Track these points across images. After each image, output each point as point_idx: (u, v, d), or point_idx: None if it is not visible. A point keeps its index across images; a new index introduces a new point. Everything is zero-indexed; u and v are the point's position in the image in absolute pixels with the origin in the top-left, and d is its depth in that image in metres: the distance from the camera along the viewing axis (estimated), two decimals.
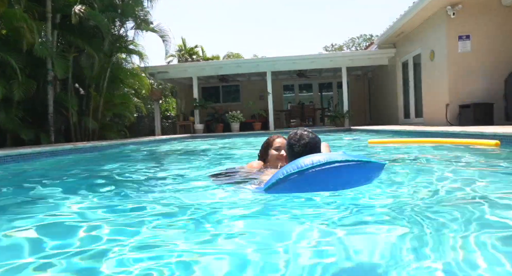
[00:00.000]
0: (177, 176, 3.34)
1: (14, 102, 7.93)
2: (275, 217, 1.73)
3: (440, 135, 6.21)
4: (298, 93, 18.93)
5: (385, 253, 1.16)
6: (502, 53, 8.47)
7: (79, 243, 1.37)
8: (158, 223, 1.64)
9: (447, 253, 1.12)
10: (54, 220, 1.80)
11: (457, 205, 1.73)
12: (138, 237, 1.43)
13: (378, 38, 13.18)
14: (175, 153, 6.83)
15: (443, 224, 1.42)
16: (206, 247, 1.30)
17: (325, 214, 1.67)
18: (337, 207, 1.77)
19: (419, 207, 1.69)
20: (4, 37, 8.12)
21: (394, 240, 1.28)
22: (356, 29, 69.87)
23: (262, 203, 1.92)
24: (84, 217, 1.80)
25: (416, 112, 11.45)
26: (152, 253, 1.25)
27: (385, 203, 1.80)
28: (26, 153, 5.42)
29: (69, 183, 3.16)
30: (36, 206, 2.12)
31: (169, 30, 12.49)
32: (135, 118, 14.93)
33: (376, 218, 1.59)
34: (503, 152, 4.03)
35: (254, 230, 1.54)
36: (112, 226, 1.61)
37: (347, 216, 1.62)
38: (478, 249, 1.13)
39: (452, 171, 2.84)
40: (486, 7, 8.53)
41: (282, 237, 1.39)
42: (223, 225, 1.58)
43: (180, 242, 1.35)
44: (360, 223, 1.53)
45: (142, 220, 1.69)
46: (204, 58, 23.14)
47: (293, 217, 1.67)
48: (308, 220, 1.57)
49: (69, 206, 2.04)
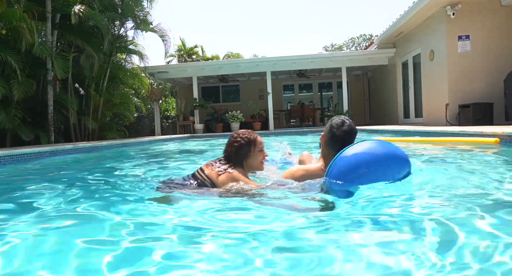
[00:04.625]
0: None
1: (13, 102, 7.92)
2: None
3: (440, 135, 6.22)
4: (298, 93, 18.93)
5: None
6: (501, 53, 8.48)
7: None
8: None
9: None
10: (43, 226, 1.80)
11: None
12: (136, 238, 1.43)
13: (377, 38, 13.17)
14: (183, 152, 6.82)
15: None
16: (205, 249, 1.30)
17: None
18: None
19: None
20: (4, 37, 8.11)
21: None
22: (356, 29, 69.90)
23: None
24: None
25: (415, 112, 11.46)
26: (152, 253, 1.25)
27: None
28: (26, 152, 5.42)
29: (58, 183, 3.11)
30: (16, 209, 2.10)
31: (169, 30, 12.52)
32: (135, 118, 14.93)
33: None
34: (503, 150, 4.05)
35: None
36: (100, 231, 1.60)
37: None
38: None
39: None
40: (486, 7, 8.53)
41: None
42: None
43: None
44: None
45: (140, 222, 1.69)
46: (204, 58, 23.14)
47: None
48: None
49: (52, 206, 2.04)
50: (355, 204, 1.75)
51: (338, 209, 1.70)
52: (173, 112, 18.51)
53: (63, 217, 1.82)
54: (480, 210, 1.55)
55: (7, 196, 2.55)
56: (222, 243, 1.32)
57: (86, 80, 10.43)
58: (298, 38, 65.52)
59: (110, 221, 1.69)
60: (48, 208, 2.01)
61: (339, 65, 13.92)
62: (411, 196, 1.90)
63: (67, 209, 1.98)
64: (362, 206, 1.72)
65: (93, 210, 1.93)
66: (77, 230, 1.57)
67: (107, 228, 1.57)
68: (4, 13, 7.35)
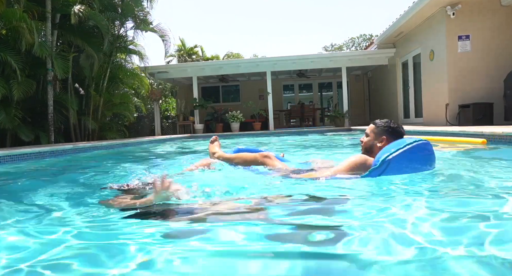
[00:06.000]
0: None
1: (13, 102, 7.93)
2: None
3: (440, 135, 6.21)
4: (298, 93, 18.94)
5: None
6: (501, 53, 8.48)
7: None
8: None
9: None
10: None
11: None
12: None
13: (377, 38, 13.17)
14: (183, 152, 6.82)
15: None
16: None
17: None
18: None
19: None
20: (4, 37, 8.12)
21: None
22: (356, 29, 69.93)
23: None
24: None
25: (415, 112, 11.46)
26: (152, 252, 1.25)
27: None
28: (25, 152, 5.42)
29: (48, 184, 3.11)
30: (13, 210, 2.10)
31: (169, 30, 12.52)
32: (135, 118, 14.94)
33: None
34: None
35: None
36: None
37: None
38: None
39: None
40: (486, 7, 8.53)
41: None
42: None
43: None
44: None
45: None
46: (203, 58, 23.15)
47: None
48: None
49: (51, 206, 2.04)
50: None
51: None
52: (173, 112, 18.51)
53: (64, 217, 1.81)
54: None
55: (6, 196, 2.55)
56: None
57: (86, 80, 10.43)
58: (298, 38, 65.58)
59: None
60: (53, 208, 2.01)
61: (339, 65, 13.92)
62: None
63: (67, 208, 1.98)
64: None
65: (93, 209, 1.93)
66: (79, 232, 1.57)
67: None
68: (4, 13, 7.35)
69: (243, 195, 2.04)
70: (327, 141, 7.82)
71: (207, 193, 1.97)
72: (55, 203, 2.20)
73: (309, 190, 2.09)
